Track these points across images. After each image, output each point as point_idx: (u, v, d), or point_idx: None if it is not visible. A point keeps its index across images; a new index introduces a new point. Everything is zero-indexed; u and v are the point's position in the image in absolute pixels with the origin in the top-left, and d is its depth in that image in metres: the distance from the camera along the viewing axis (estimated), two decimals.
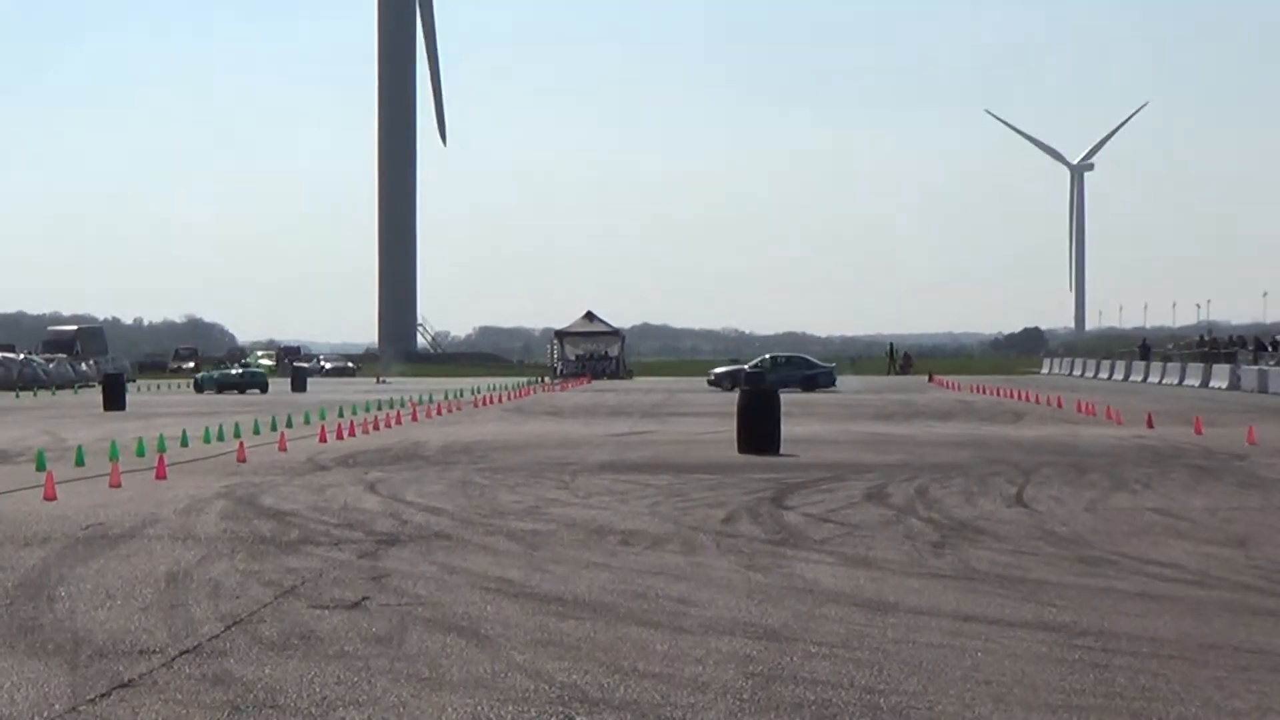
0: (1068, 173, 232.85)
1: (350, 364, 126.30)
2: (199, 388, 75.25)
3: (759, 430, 29.32)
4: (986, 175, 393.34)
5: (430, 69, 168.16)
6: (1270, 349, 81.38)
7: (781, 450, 28.88)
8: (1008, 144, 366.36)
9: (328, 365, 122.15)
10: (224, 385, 73.92)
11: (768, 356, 79.53)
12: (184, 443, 32.16)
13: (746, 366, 75.22)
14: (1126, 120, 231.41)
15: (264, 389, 73.73)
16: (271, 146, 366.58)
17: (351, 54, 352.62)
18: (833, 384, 72.25)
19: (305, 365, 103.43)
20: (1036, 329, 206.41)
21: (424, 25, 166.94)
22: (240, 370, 77.87)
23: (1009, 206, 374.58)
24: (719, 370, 76.89)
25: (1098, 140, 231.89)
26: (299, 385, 78.63)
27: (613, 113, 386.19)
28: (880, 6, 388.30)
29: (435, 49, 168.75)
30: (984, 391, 66.96)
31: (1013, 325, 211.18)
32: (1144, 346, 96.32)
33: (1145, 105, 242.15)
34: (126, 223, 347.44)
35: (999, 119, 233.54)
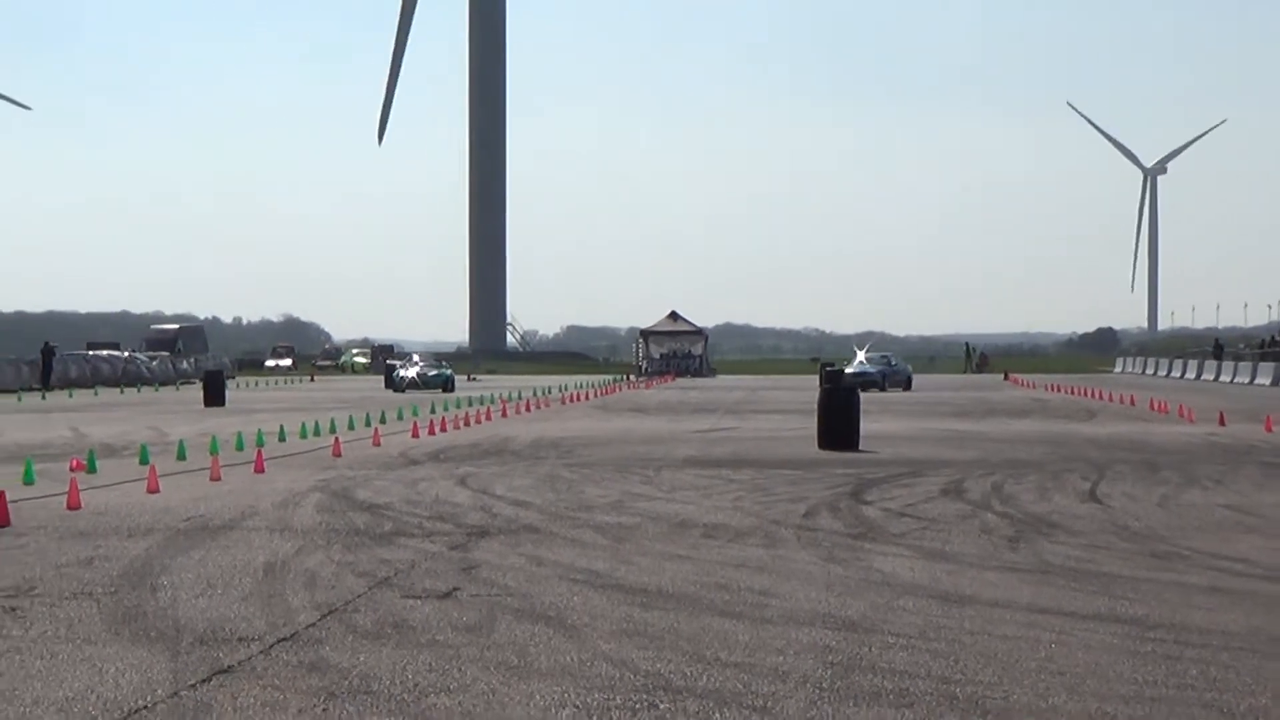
0: (1140, 174, 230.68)
1: (443, 363, 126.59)
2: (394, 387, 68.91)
3: (839, 427, 29.26)
4: (1062, 175, 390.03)
5: (391, 69, 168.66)
6: None
7: (861, 447, 28.79)
8: (1084, 145, 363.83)
9: (420, 363, 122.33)
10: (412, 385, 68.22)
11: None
12: (281, 438, 32.40)
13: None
14: (1204, 134, 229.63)
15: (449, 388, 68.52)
16: (366, 150, 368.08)
17: (444, 61, 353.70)
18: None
19: (398, 364, 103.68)
20: (1110, 329, 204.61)
21: (400, 27, 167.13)
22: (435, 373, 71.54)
23: (1084, 207, 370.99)
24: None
25: (1174, 149, 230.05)
26: (394, 382, 78.75)
27: (697, 118, 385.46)
28: (953, 4, 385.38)
29: (402, 50, 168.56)
30: (1058, 390, 66.44)
31: (1086, 325, 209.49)
32: (1217, 345, 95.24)
33: (1223, 122, 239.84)
34: (227, 225, 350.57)
35: (1080, 113, 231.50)
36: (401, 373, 70.70)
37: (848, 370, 66.09)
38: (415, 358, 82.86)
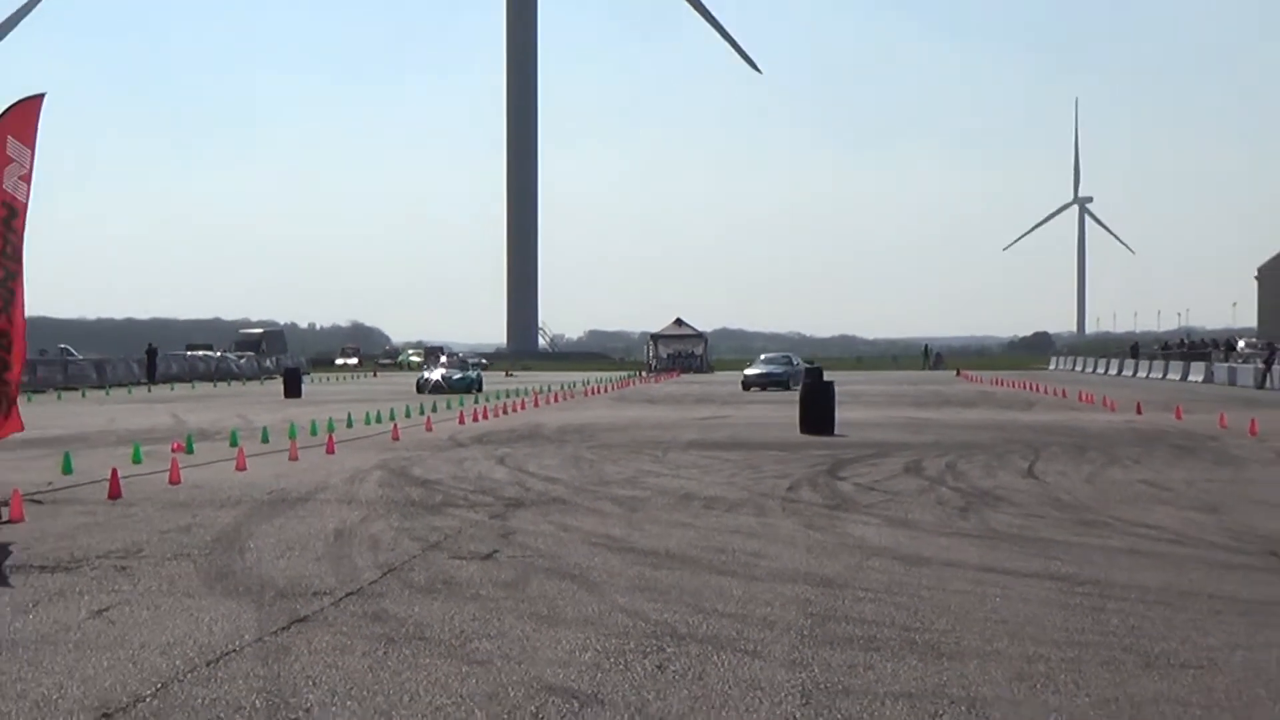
0: (1074, 202, 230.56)
1: (484, 360, 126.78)
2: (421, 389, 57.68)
3: (817, 415, 29.26)
4: (1006, 204, 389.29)
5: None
6: (1236, 349, 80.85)
7: (836, 432, 28.79)
8: (1024, 182, 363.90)
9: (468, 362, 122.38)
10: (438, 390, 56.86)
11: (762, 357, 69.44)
12: (349, 424, 32.45)
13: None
14: (1052, 214, 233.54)
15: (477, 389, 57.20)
16: (421, 179, 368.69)
17: (485, 103, 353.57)
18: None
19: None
20: (1045, 333, 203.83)
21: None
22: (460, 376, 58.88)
23: (1024, 230, 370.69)
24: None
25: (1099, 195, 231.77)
26: None
27: (701, 157, 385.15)
28: (916, 61, 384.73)
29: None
30: (1002, 384, 66.33)
31: (1025, 330, 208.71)
32: (1135, 347, 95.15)
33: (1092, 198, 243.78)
34: (303, 245, 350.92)
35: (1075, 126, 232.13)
36: (426, 375, 60.79)
37: (750, 371, 60.15)
38: (443, 359, 75.38)
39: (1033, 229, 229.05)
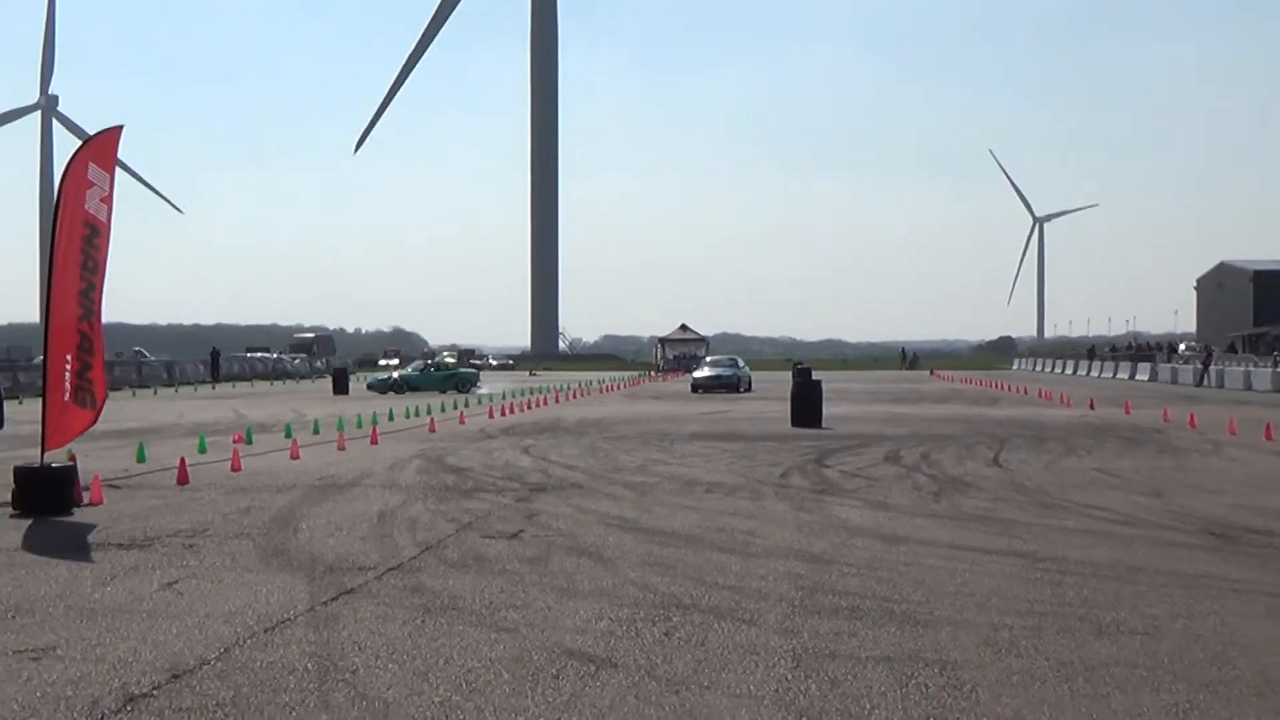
0: (1035, 222, 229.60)
1: (510, 361, 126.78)
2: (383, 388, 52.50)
3: (806, 410, 29.23)
4: (975, 222, 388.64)
5: (391, 84, 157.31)
6: (1178, 352, 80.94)
7: (824, 425, 28.76)
8: (990, 202, 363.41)
9: (494, 362, 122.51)
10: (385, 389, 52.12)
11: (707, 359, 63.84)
12: (391, 418, 32.48)
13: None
14: (1077, 209, 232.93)
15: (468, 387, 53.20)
16: (454, 197, 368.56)
17: (511, 130, 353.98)
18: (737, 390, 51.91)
19: (478, 363, 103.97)
20: (1009, 337, 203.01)
21: (410, 56, 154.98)
22: (447, 371, 54.38)
23: (990, 245, 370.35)
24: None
25: (1058, 210, 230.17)
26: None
27: (704, 179, 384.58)
28: (892, 95, 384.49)
29: (407, 72, 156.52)
30: (970, 382, 66.24)
31: (991, 334, 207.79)
32: (1090, 350, 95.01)
33: (1096, 205, 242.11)
34: (350, 258, 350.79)
35: (999, 163, 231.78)
36: (379, 376, 54.86)
37: (699, 375, 54.46)
38: (397, 358, 70.22)
39: (1019, 265, 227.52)
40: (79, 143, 15.16)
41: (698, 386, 52.59)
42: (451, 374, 54.19)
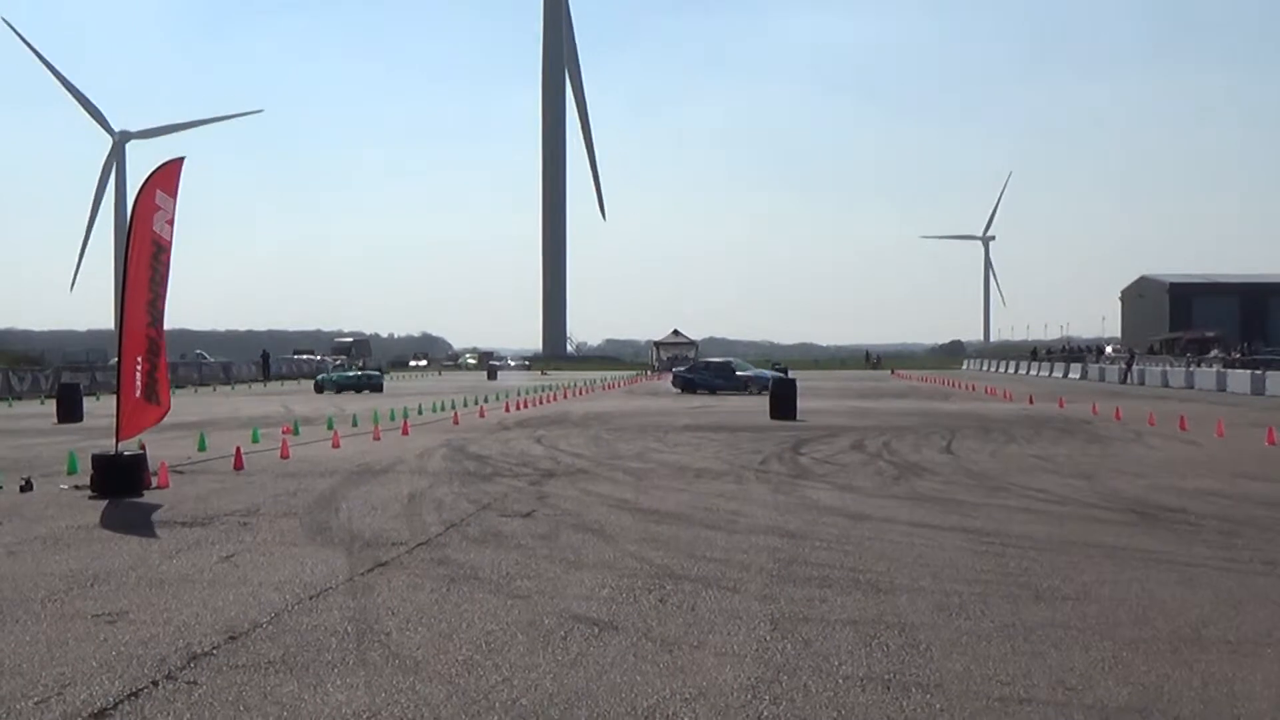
0: (983, 240, 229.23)
1: (527, 362, 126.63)
2: (319, 389, 50.33)
3: (784, 405, 29.23)
4: (928, 240, 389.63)
5: (587, 152, 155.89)
6: (1105, 354, 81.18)
7: (798, 418, 28.76)
8: (938, 222, 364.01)
9: (513, 363, 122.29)
10: (343, 386, 50.36)
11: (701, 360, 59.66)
12: (419, 412, 32.47)
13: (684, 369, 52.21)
14: (1000, 195, 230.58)
15: (379, 389, 50.33)
16: (475, 212, 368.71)
17: (524, 153, 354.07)
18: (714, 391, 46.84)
19: (497, 364, 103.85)
20: (959, 340, 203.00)
21: (578, 108, 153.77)
22: (359, 373, 53.05)
23: (941, 260, 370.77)
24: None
25: (988, 214, 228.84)
26: (493, 375, 78.96)
27: (694, 198, 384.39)
28: (867, 126, 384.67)
29: (589, 133, 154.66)
30: (926, 380, 66.23)
31: (944, 337, 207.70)
32: (1033, 352, 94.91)
33: (1010, 174, 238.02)
34: (384, 270, 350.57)
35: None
36: (328, 376, 52.75)
37: (678, 371, 51.41)
38: (337, 359, 68.28)
39: (948, 237, 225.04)
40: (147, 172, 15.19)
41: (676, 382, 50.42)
42: (363, 375, 52.72)
